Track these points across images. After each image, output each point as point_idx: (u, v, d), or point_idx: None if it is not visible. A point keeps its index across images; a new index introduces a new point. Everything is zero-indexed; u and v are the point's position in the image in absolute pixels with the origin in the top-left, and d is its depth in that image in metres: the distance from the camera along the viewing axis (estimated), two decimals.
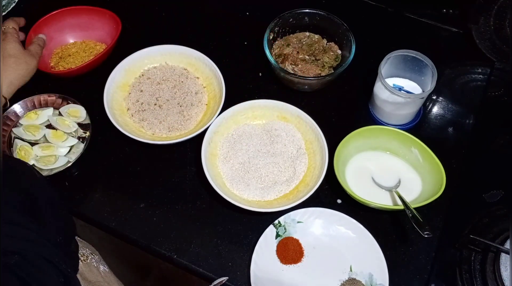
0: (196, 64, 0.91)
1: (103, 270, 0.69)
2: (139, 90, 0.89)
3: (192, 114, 0.87)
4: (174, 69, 0.92)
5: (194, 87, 0.90)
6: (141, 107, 0.87)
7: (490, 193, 0.81)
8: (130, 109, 0.87)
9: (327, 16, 0.93)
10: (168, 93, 0.89)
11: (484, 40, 0.95)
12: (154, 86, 0.90)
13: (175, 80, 0.91)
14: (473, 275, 0.73)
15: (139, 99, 0.88)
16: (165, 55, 0.92)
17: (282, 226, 0.75)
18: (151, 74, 0.91)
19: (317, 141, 0.81)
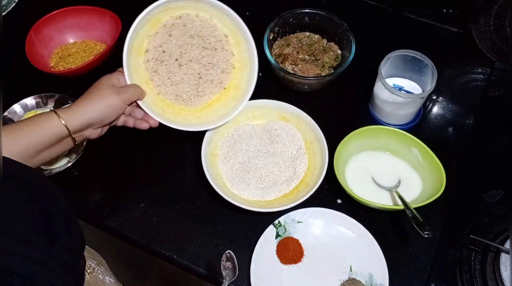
0: (239, 37, 0.78)
1: (109, 281, 0.69)
2: (168, 34, 0.76)
3: (206, 92, 0.79)
4: (215, 29, 0.78)
5: (223, 63, 0.79)
6: (161, 56, 0.76)
7: (490, 193, 0.81)
8: (148, 51, 0.76)
9: (327, 16, 0.93)
10: (195, 54, 0.77)
11: (484, 40, 0.95)
12: (185, 37, 0.77)
13: (210, 43, 0.78)
14: (473, 275, 0.73)
15: (162, 45, 0.76)
16: (214, 9, 0.75)
17: (282, 226, 0.75)
18: (190, 22, 0.76)
19: (317, 141, 0.81)
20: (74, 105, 0.68)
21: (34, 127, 0.65)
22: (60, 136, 0.67)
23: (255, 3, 1.07)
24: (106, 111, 0.69)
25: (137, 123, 0.76)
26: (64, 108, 0.68)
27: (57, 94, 0.88)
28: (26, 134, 0.64)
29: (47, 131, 0.66)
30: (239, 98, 0.80)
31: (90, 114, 0.68)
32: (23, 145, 0.64)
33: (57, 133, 0.66)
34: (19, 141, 0.64)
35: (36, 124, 0.65)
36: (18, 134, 0.64)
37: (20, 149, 0.64)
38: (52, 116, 0.66)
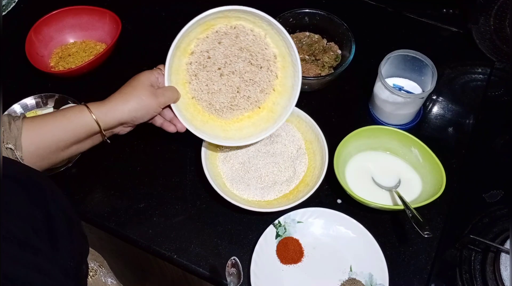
0: (287, 61, 0.74)
1: (111, 283, 0.69)
2: (218, 41, 0.72)
3: (239, 107, 0.77)
4: (266, 47, 0.73)
5: (264, 83, 0.76)
6: (205, 62, 0.73)
7: (490, 193, 0.81)
8: (194, 54, 0.72)
9: (327, 16, 0.93)
10: (240, 67, 0.74)
11: (484, 40, 0.95)
12: (234, 48, 0.73)
13: (257, 60, 0.74)
14: (473, 275, 0.73)
15: (209, 51, 0.72)
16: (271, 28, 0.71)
17: (282, 226, 0.75)
18: (243, 34, 0.72)
19: (317, 141, 0.81)
20: (109, 102, 0.67)
21: (66, 123, 0.65)
22: (91, 132, 0.67)
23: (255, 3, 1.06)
24: (141, 113, 0.69)
25: (165, 125, 0.74)
26: (98, 103, 0.67)
27: (57, 94, 0.88)
28: (57, 129, 0.65)
29: (78, 128, 0.66)
30: (271, 122, 0.77)
31: (123, 114, 0.67)
32: (54, 140, 0.65)
33: (88, 129, 0.67)
34: (50, 135, 0.64)
35: (68, 120, 0.66)
36: (49, 128, 0.65)
37: (50, 143, 0.65)
38: (84, 112, 0.66)
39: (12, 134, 0.62)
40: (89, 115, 0.66)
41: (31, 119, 0.65)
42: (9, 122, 0.63)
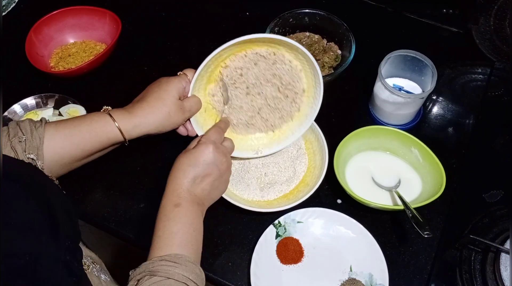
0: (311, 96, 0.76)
1: (104, 279, 0.69)
2: (254, 62, 0.72)
3: (255, 126, 0.78)
4: (298, 80, 0.75)
5: (285, 112, 0.77)
6: (236, 78, 0.73)
7: (490, 193, 0.81)
8: (227, 67, 0.72)
9: (327, 16, 0.93)
10: (267, 91, 0.75)
11: (484, 40, 0.95)
12: (268, 73, 0.73)
13: (286, 89, 0.75)
14: (473, 275, 0.73)
15: (243, 69, 0.72)
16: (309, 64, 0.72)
17: (282, 226, 0.75)
18: (280, 62, 0.72)
19: (317, 141, 0.81)
20: (136, 115, 0.67)
21: (93, 135, 0.66)
22: (116, 142, 0.68)
23: (255, 3, 1.07)
24: (167, 127, 0.69)
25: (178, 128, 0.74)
26: (125, 114, 0.67)
27: (57, 94, 0.88)
28: (82, 140, 0.66)
29: (104, 140, 0.67)
30: (280, 144, 0.80)
31: (150, 128, 0.68)
32: (79, 150, 0.66)
33: (113, 141, 0.68)
34: (75, 146, 0.66)
35: (95, 131, 0.66)
36: (74, 139, 0.65)
37: (75, 153, 0.66)
38: (111, 125, 0.66)
39: (34, 143, 0.63)
40: (115, 128, 0.66)
41: (55, 128, 0.65)
42: (31, 130, 0.63)
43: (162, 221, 0.61)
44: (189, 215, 0.61)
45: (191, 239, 0.60)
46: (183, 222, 0.60)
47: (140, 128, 0.67)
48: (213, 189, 0.65)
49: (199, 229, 0.62)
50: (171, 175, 0.64)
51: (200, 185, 0.63)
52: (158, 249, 0.58)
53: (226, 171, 0.66)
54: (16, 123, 0.64)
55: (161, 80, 0.70)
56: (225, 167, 0.66)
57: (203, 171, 0.63)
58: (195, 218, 0.61)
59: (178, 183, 0.63)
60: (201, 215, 0.63)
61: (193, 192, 0.63)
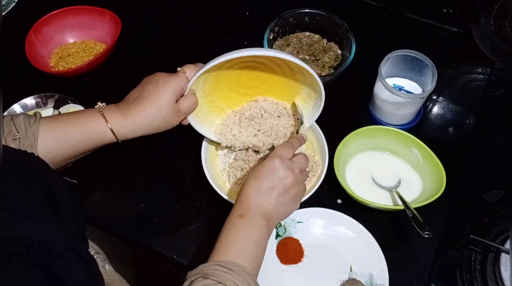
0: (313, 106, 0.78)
1: (109, 269, 0.70)
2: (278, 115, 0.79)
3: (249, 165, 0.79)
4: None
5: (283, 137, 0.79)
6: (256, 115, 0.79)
7: (490, 193, 0.81)
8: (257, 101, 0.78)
9: (327, 16, 0.93)
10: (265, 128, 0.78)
11: (484, 40, 0.95)
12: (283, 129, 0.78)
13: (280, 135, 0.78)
14: (473, 275, 0.73)
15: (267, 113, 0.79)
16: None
17: (282, 226, 0.75)
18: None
19: (317, 141, 0.81)
20: (132, 118, 0.67)
21: (86, 136, 0.67)
22: (109, 142, 0.69)
23: (255, 3, 1.07)
24: (162, 128, 0.70)
25: None
26: (119, 117, 0.67)
27: (57, 94, 0.88)
28: (75, 141, 0.66)
29: (98, 141, 0.68)
30: None
31: (145, 131, 0.69)
32: (72, 149, 0.67)
33: (106, 141, 0.68)
34: (67, 146, 0.66)
35: (88, 133, 0.67)
36: (68, 140, 0.66)
37: (68, 153, 0.67)
38: (105, 127, 0.67)
39: (28, 141, 0.63)
40: (109, 131, 0.67)
41: (48, 126, 0.65)
42: (25, 127, 0.63)
43: (226, 228, 0.61)
44: (252, 227, 0.61)
45: (250, 250, 0.60)
46: (244, 232, 0.60)
47: (135, 132, 0.68)
48: (279, 204, 0.64)
49: (261, 242, 0.61)
50: (241, 188, 0.65)
51: (266, 199, 0.63)
52: (217, 254, 0.59)
53: (292, 186, 0.65)
54: (11, 118, 0.64)
55: (158, 80, 0.69)
56: (291, 182, 0.64)
57: (267, 184, 0.63)
58: (258, 230, 0.61)
59: (245, 194, 0.63)
60: (266, 229, 0.62)
61: (259, 205, 0.63)
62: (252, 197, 0.63)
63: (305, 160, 0.68)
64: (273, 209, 0.63)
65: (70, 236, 0.53)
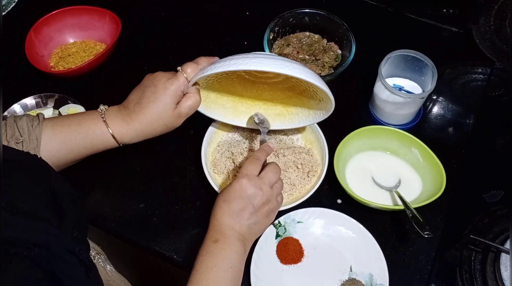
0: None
1: (110, 270, 0.70)
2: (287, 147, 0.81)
3: None
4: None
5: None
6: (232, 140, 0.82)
7: (490, 193, 0.81)
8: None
9: (327, 16, 0.93)
10: None
11: (484, 40, 0.95)
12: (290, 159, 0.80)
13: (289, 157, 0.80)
14: (473, 275, 0.73)
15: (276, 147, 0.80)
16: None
17: (282, 226, 0.75)
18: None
19: (317, 141, 0.81)
20: (132, 125, 0.68)
21: (88, 142, 0.68)
22: (110, 148, 0.70)
23: (255, 3, 1.07)
24: (164, 131, 0.71)
25: None
26: (121, 123, 0.68)
27: (57, 94, 0.88)
28: (78, 146, 0.67)
29: (100, 147, 0.69)
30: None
31: (146, 137, 0.70)
32: (74, 153, 0.68)
33: (108, 146, 0.70)
34: (70, 150, 0.67)
35: (90, 139, 0.68)
36: (71, 145, 0.67)
37: (70, 157, 0.68)
38: (106, 133, 0.67)
39: (31, 145, 0.63)
40: (111, 138, 0.68)
41: (51, 130, 0.66)
42: (28, 130, 0.64)
43: (201, 255, 0.61)
44: (228, 251, 0.61)
45: (227, 276, 0.59)
46: (220, 258, 0.60)
47: (137, 138, 0.70)
48: (252, 223, 0.64)
49: (237, 266, 0.61)
50: (212, 212, 0.65)
51: (238, 220, 0.63)
52: (193, 283, 0.59)
53: (263, 204, 0.64)
54: (14, 120, 0.64)
55: (157, 85, 0.68)
56: (260, 201, 0.63)
57: (237, 206, 0.63)
58: (234, 254, 0.61)
59: (217, 219, 0.63)
60: (242, 251, 0.62)
61: (233, 227, 0.62)
62: (224, 220, 0.62)
63: (275, 173, 0.66)
64: (247, 230, 0.63)
65: (71, 238, 0.53)
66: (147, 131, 0.69)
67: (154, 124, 0.68)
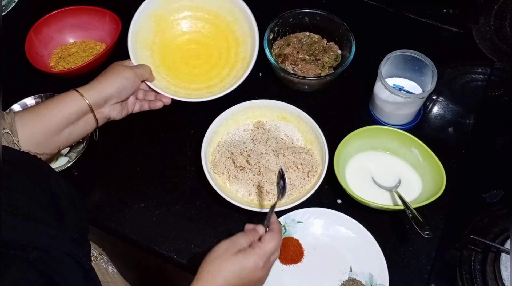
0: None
1: (112, 271, 0.70)
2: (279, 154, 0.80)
3: None
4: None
5: None
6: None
7: (490, 193, 0.81)
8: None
9: (327, 16, 0.93)
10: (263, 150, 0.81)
11: (484, 40, 0.95)
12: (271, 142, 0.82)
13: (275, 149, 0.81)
14: (473, 275, 0.73)
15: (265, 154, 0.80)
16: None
17: (282, 226, 0.75)
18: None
19: (317, 141, 0.81)
20: (92, 82, 0.73)
21: (56, 103, 0.69)
22: (81, 110, 0.70)
23: (255, 3, 1.07)
24: (122, 84, 0.74)
25: (151, 104, 0.81)
26: (85, 85, 0.72)
27: (57, 94, 0.88)
28: (47, 111, 0.68)
29: (67, 106, 0.69)
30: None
31: (107, 88, 0.73)
32: (45, 122, 0.67)
33: (77, 107, 0.70)
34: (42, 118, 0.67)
35: (57, 100, 0.69)
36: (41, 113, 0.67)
37: (43, 127, 0.67)
38: (72, 92, 0.70)
39: (7, 121, 0.64)
40: (77, 94, 0.70)
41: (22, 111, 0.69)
42: (2, 115, 0.65)
43: None
44: None
45: None
46: None
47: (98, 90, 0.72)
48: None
49: None
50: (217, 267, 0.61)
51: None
52: None
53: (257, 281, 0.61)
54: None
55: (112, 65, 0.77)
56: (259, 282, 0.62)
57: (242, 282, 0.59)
58: None
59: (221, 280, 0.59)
60: None
61: None
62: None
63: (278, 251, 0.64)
64: None
65: (70, 240, 0.52)
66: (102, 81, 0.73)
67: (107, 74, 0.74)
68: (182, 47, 0.88)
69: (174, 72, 0.85)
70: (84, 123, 0.72)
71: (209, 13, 0.88)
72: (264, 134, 0.83)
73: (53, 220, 0.52)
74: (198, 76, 0.86)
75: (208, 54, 0.88)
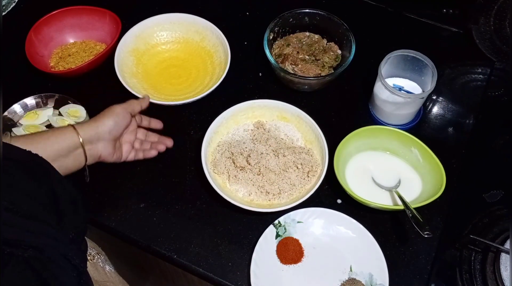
0: None
1: (109, 270, 0.70)
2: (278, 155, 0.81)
3: None
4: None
5: None
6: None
7: (490, 193, 0.81)
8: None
9: (327, 16, 0.93)
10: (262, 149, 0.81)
11: (484, 40, 0.95)
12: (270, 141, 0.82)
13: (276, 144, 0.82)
14: (473, 275, 0.73)
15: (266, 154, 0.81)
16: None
17: (282, 226, 0.75)
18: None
19: (317, 141, 0.81)
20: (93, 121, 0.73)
21: (50, 134, 0.68)
22: (71, 145, 0.69)
23: (255, 3, 1.07)
24: (113, 121, 0.72)
25: (146, 154, 0.81)
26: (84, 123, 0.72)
27: (57, 94, 0.88)
28: (42, 140, 0.66)
29: (61, 137, 0.68)
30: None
31: (98, 126, 0.72)
32: (39, 149, 0.65)
33: (69, 141, 0.68)
34: (36, 145, 0.66)
35: (53, 131, 0.69)
36: (35, 140, 0.66)
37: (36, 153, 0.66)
38: (67, 127, 0.70)
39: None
40: (71, 128, 0.69)
41: (18, 136, 0.69)
42: (1, 115, 0.64)
43: None
44: None
45: None
46: None
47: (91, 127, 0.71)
48: None
49: None
50: None
51: None
52: None
53: None
54: None
55: None
56: None
57: None
58: None
59: None
60: None
61: None
62: None
63: None
64: None
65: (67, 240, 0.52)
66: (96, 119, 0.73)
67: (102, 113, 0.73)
68: (163, 72, 0.95)
69: (161, 91, 0.92)
70: (73, 158, 0.70)
71: (179, 40, 0.98)
72: (264, 134, 0.83)
73: (52, 219, 0.52)
74: (183, 90, 0.92)
75: (187, 72, 0.95)
